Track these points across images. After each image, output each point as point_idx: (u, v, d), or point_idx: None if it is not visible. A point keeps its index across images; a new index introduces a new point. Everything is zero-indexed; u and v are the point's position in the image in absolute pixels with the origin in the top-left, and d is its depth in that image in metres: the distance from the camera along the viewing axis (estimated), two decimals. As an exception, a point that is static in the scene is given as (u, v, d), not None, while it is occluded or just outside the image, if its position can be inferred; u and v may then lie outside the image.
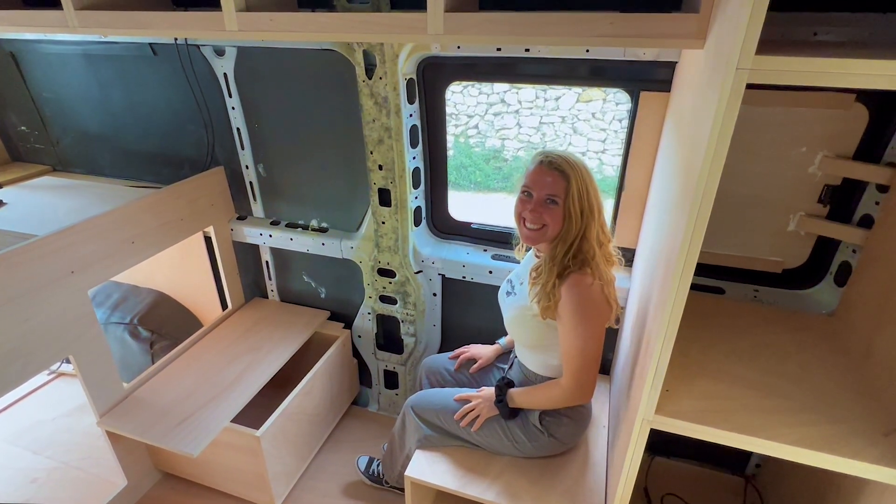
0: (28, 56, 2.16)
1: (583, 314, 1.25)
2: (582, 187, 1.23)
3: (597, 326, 1.27)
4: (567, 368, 1.30)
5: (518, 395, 1.42)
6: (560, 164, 1.24)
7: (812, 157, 1.33)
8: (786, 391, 1.09)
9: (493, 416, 1.45)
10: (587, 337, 1.26)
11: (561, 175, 1.23)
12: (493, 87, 6.81)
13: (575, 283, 1.24)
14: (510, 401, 1.42)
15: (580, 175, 1.24)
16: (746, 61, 0.69)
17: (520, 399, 1.42)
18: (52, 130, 2.35)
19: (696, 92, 0.96)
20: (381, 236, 1.88)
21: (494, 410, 1.44)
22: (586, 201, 1.24)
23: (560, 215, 1.25)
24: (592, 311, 1.26)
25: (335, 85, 1.72)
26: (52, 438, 2.13)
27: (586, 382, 1.30)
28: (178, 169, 2.14)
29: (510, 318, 1.45)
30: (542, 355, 1.42)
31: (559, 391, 1.34)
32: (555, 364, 1.41)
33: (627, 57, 1.36)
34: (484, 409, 1.45)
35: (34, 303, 1.43)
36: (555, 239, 1.29)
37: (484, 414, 1.45)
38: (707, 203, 0.80)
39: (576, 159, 1.25)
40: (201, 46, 1.80)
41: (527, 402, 1.41)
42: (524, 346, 1.47)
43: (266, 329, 2.10)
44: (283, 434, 1.79)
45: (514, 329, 1.45)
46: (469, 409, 1.47)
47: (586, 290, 1.24)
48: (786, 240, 1.45)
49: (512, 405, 1.42)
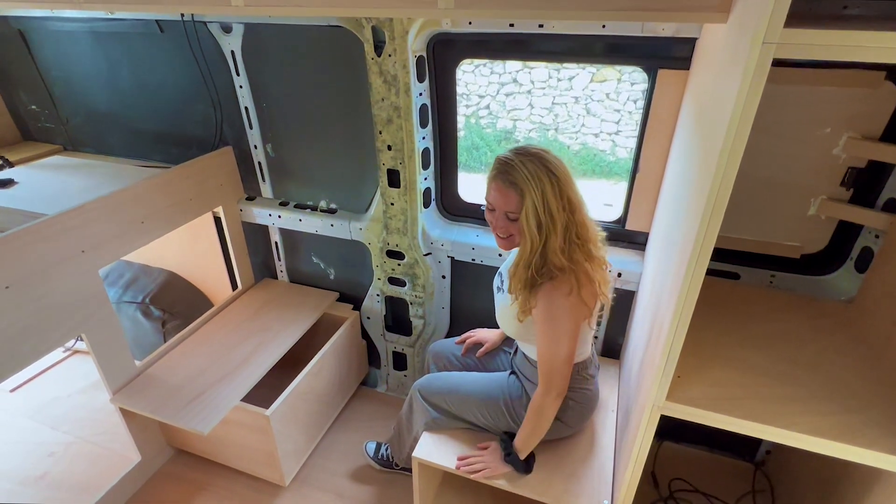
0: (36, 34, 2.15)
1: (552, 324, 1.23)
2: (538, 201, 1.15)
3: (569, 330, 1.23)
4: (540, 373, 1.28)
5: (520, 440, 1.37)
6: (515, 177, 1.17)
7: (836, 139, 1.28)
8: (801, 379, 1.07)
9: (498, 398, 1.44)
10: (558, 343, 1.23)
11: (516, 192, 1.18)
12: (505, 66, 6.68)
13: (548, 292, 1.21)
14: (518, 451, 1.37)
15: (538, 187, 1.15)
16: (774, 35, 0.66)
17: (523, 443, 1.36)
18: (62, 109, 2.34)
19: (717, 69, 0.92)
20: (389, 218, 1.86)
21: (505, 467, 1.39)
22: (545, 215, 1.16)
23: (519, 229, 1.22)
24: (563, 321, 1.22)
25: (344, 63, 1.68)
26: (68, 414, 2.17)
27: (558, 382, 1.26)
28: (186, 149, 2.13)
29: (499, 314, 1.44)
30: (530, 344, 1.40)
31: (539, 399, 1.29)
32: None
33: (645, 33, 1.31)
34: (491, 463, 1.39)
35: (46, 281, 1.44)
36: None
37: (493, 470, 1.38)
38: (726, 186, 0.77)
39: (537, 167, 1.16)
40: (208, 23, 1.77)
41: (529, 437, 1.35)
42: (513, 337, 1.46)
43: (276, 310, 2.10)
44: (292, 413, 1.81)
45: (502, 325, 1.45)
46: (475, 459, 1.41)
47: (558, 302, 1.21)
48: (805, 224, 1.41)
49: (521, 455, 1.37)
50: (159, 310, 2.33)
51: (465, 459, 1.42)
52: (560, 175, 1.18)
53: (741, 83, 0.70)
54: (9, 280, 1.35)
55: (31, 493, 1.83)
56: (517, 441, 1.38)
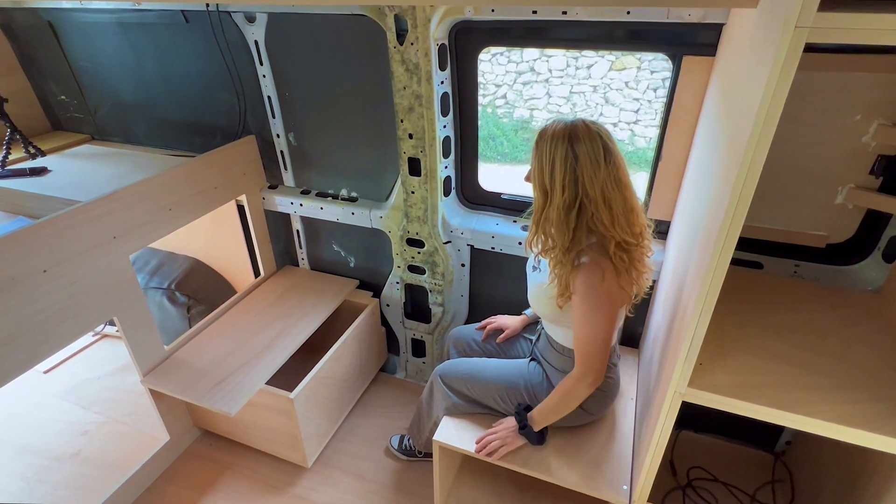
0: (65, 25, 2.20)
1: (590, 307, 1.22)
2: (542, 161, 1.17)
3: (606, 314, 1.22)
4: (578, 355, 1.28)
5: (538, 414, 1.39)
6: (536, 140, 1.20)
7: (867, 126, 1.25)
8: (825, 368, 1.06)
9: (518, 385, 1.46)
10: (596, 327, 1.22)
11: (534, 153, 1.21)
12: (523, 55, 6.61)
13: (586, 277, 1.20)
14: (534, 423, 1.39)
15: (547, 147, 1.16)
16: (807, 18, 0.65)
17: (541, 417, 1.38)
18: (90, 99, 2.40)
19: (746, 55, 0.91)
20: (410, 206, 1.88)
21: (520, 440, 1.41)
22: (547, 178, 1.17)
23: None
24: (601, 304, 1.21)
25: (365, 52, 1.69)
26: (98, 395, 2.25)
27: (598, 367, 1.27)
28: (210, 138, 2.17)
29: (532, 295, 1.43)
30: (566, 329, 1.40)
31: (573, 382, 1.30)
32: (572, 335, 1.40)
33: (671, 19, 1.29)
34: (507, 438, 1.42)
35: (80, 266, 1.49)
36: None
37: (509, 444, 1.41)
38: (753, 174, 0.77)
39: (553, 133, 1.16)
40: (232, 13, 1.79)
41: (549, 413, 1.37)
42: (544, 319, 1.46)
43: (297, 296, 2.15)
44: (314, 397, 1.85)
45: (535, 306, 1.44)
46: (490, 438, 1.43)
47: (595, 286, 1.20)
48: (832, 213, 1.39)
49: (536, 427, 1.39)
50: (185, 296, 2.39)
51: (481, 441, 1.44)
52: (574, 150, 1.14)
53: (772, 69, 0.69)
54: (46, 264, 1.40)
55: (66, 469, 1.91)
56: (535, 413, 1.39)
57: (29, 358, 1.41)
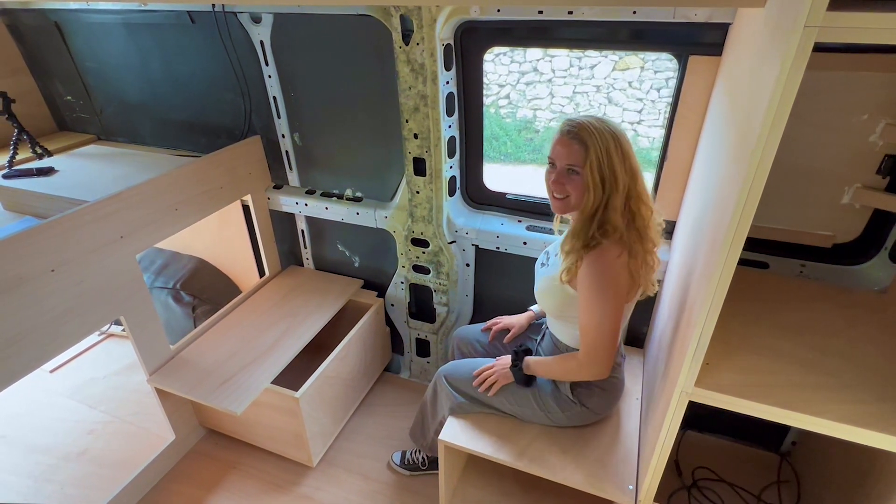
0: (71, 26, 2.21)
1: (599, 289, 1.22)
2: (602, 155, 1.17)
3: (615, 302, 1.23)
4: (582, 342, 1.29)
5: (535, 363, 1.44)
6: (579, 132, 1.19)
7: (873, 125, 1.25)
8: (832, 367, 1.06)
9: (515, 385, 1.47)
10: (603, 312, 1.23)
11: (580, 144, 1.19)
12: (526, 55, 6.60)
13: (597, 256, 1.21)
14: (525, 367, 1.44)
15: (602, 142, 1.17)
16: (816, 18, 0.65)
17: (536, 367, 1.43)
18: (96, 100, 2.41)
19: (754, 55, 0.91)
20: (415, 206, 1.88)
21: (510, 377, 1.46)
22: (607, 170, 1.18)
23: (581, 185, 1.22)
24: (610, 286, 1.22)
25: (371, 52, 1.70)
26: (104, 394, 2.26)
27: (602, 358, 1.28)
28: (215, 138, 2.18)
29: (539, 289, 1.44)
30: (571, 327, 1.41)
31: (574, 364, 1.34)
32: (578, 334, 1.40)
33: (677, 18, 1.29)
34: (500, 375, 1.47)
35: (87, 265, 1.50)
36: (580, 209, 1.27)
37: (500, 380, 1.47)
38: (762, 174, 0.77)
39: (601, 126, 1.19)
40: (238, 13, 1.80)
41: (543, 370, 1.43)
42: (553, 317, 1.47)
43: (302, 296, 2.15)
44: (320, 396, 1.86)
45: (542, 299, 1.45)
46: (488, 373, 1.49)
47: (607, 264, 1.21)
48: (838, 213, 1.39)
49: (528, 372, 1.44)
50: (190, 295, 2.40)
51: (480, 376, 1.50)
52: (622, 139, 1.19)
53: (780, 68, 0.70)
54: (54, 263, 1.41)
55: (73, 468, 1.91)
56: (532, 362, 1.44)
57: (36, 357, 1.42)
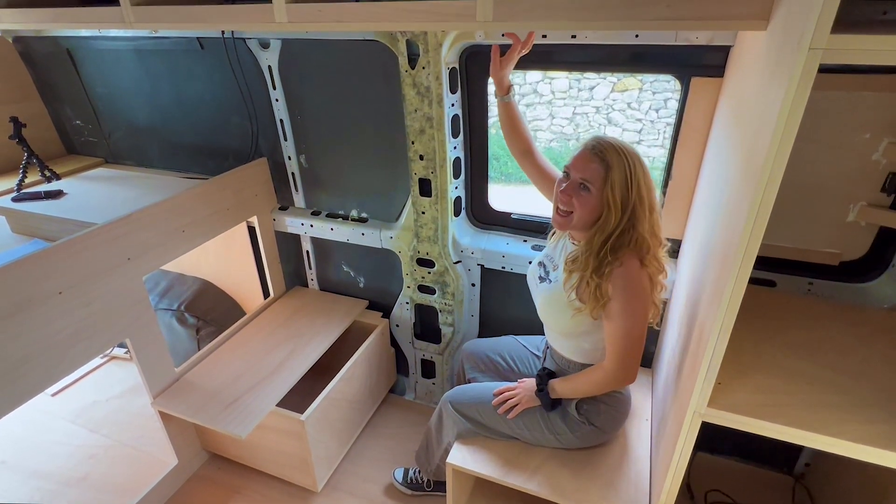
0: (83, 52, 2.25)
1: (630, 299, 1.23)
2: (627, 177, 1.19)
3: (643, 310, 1.25)
4: (612, 350, 1.29)
5: (559, 384, 1.41)
6: (605, 150, 1.20)
7: (876, 144, 1.26)
8: (847, 387, 1.05)
9: (534, 406, 1.44)
10: (634, 318, 1.24)
11: (601, 162, 1.20)
12: (525, 77, 6.71)
13: (620, 273, 1.22)
14: (551, 391, 1.41)
15: (628, 165, 1.19)
16: (821, 40, 0.66)
17: (561, 388, 1.41)
18: (105, 124, 2.44)
19: (757, 76, 0.93)
20: (420, 226, 1.89)
21: (535, 401, 1.43)
22: (634, 192, 1.19)
23: (590, 204, 1.22)
24: (639, 294, 1.24)
25: (377, 75, 1.73)
26: (106, 418, 2.24)
27: (631, 364, 1.28)
28: (223, 160, 2.21)
29: (544, 306, 1.43)
30: (575, 340, 1.40)
31: (602, 374, 1.32)
32: (587, 348, 1.40)
33: (679, 41, 1.32)
34: (524, 398, 1.44)
35: (95, 288, 1.50)
36: (592, 227, 1.26)
37: (523, 403, 1.44)
38: (771, 192, 0.78)
39: (628, 149, 1.21)
40: (247, 39, 1.84)
41: (569, 390, 1.40)
42: (557, 333, 1.45)
43: (307, 317, 2.15)
44: (325, 419, 1.84)
45: (547, 317, 1.44)
46: (509, 396, 1.46)
47: (635, 273, 1.23)
48: (844, 230, 1.39)
49: (553, 395, 1.41)
50: (194, 317, 2.40)
51: (500, 396, 1.48)
52: (646, 170, 1.22)
53: (786, 90, 0.71)
54: (62, 286, 1.42)
55: (74, 494, 1.88)
56: (557, 384, 1.41)
57: (42, 380, 1.41)
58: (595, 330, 1.34)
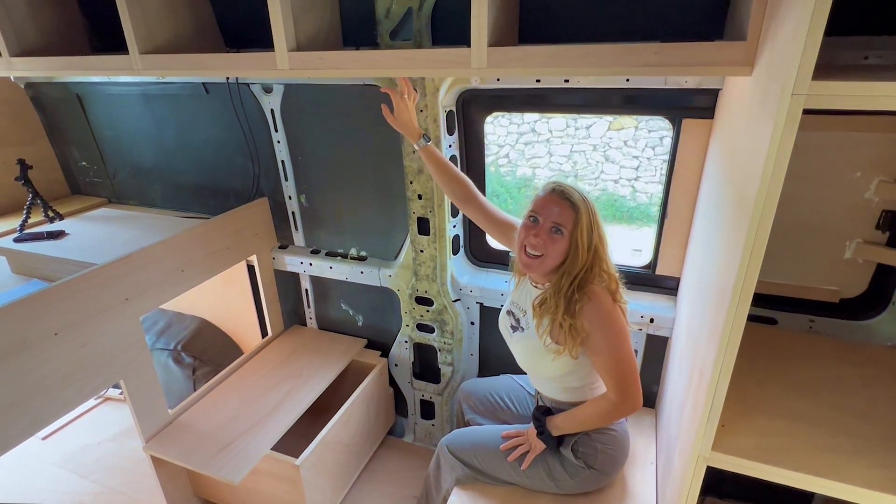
0: (92, 97, 2.32)
1: (610, 327, 1.25)
2: (592, 221, 1.25)
3: (624, 331, 1.27)
4: (611, 381, 1.27)
5: (562, 419, 1.38)
6: (571, 194, 1.25)
7: (867, 182, 1.28)
8: (854, 429, 1.02)
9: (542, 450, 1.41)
10: (620, 344, 1.25)
11: (571, 206, 1.24)
12: (524, 117, 6.89)
13: (594, 303, 1.24)
14: (553, 428, 1.37)
15: (589, 209, 1.25)
16: (803, 87, 0.69)
17: (564, 423, 1.37)
18: (110, 165, 2.49)
19: (746, 119, 0.95)
20: (419, 265, 1.89)
21: (543, 444, 1.39)
22: (596, 233, 1.25)
23: (562, 247, 1.25)
24: (616, 319, 1.26)
25: (376, 118, 1.76)
26: (97, 463, 2.18)
27: (633, 390, 1.26)
28: (224, 200, 2.24)
29: (522, 354, 1.43)
30: (562, 382, 1.39)
31: (607, 404, 1.30)
32: (576, 386, 1.38)
33: (669, 85, 1.36)
34: (534, 443, 1.40)
35: (91, 328, 1.49)
36: (557, 269, 1.28)
37: (535, 450, 1.40)
38: (763, 231, 0.79)
39: (586, 194, 1.27)
40: (251, 84, 1.90)
41: (571, 424, 1.37)
42: (542, 378, 1.44)
43: (305, 357, 2.12)
44: (321, 463, 1.79)
45: (528, 364, 1.44)
46: (519, 442, 1.42)
47: (605, 302, 1.25)
48: (842, 268, 1.39)
49: (556, 432, 1.37)
50: (191, 357, 2.37)
51: (510, 442, 1.43)
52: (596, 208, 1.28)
53: (773, 132, 0.72)
54: (57, 327, 1.41)
55: (59, 545, 1.81)
56: (559, 419, 1.38)
57: (33, 424, 1.38)
58: (578, 367, 1.33)
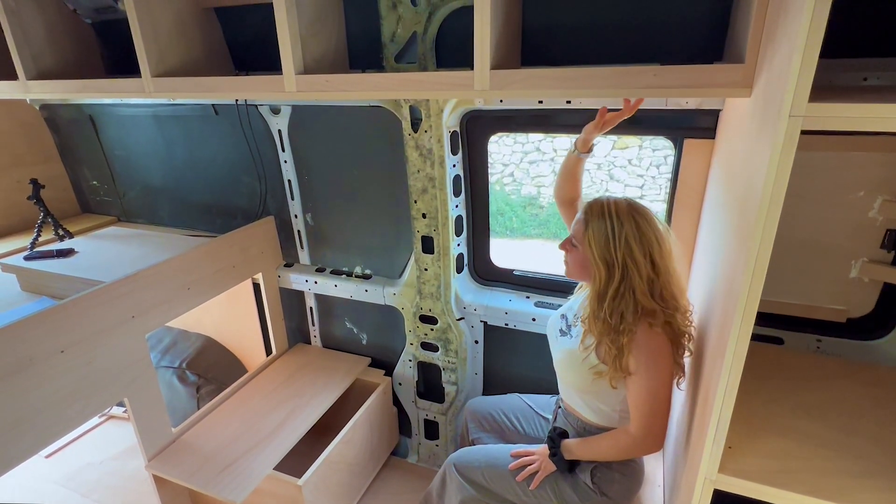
0: (104, 118, 2.38)
1: (652, 359, 1.20)
2: (608, 236, 1.18)
3: (667, 369, 1.21)
4: (637, 414, 1.24)
5: (576, 445, 1.35)
6: (590, 209, 1.24)
7: (871, 202, 1.28)
8: (864, 451, 1.00)
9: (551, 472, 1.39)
10: (659, 381, 1.20)
11: (583, 221, 1.24)
12: (528, 136, 6.95)
13: (638, 336, 1.20)
14: (567, 452, 1.35)
15: (610, 225, 1.18)
16: (800, 108, 0.70)
17: (579, 450, 1.34)
18: (120, 184, 2.54)
19: (745, 139, 0.96)
20: (423, 283, 1.90)
21: (553, 466, 1.37)
22: (619, 252, 1.17)
23: (577, 259, 1.27)
24: (660, 356, 1.20)
25: (381, 138, 1.80)
26: (99, 481, 2.17)
27: (658, 429, 1.22)
28: (231, 218, 2.26)
29: (560, 360, 1.40)
30: (591, 397, 1.36)
31: (627, 439, 1.26)
32: (604, 410, 1.35)
33: (670, 106, 1.37)
34: (543, 464, 1.38)
35: (97, 346, 1.50)
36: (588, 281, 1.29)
37: (544, 470, 1.37)
38: (765, 251, 0.78)
39: (619, 209, 1.20)
40: (259, 106, 1.94)
41: (589, 452, 1.34)
42: (572, 389, 1.41)
43: (309, 375, 2.12)
44: (324, 483, 1.77)
45: (563, 372, 1.41)
46: (528, 462, 1.40)
47: (652, 337, 1.20)
48: (848, 287, 1.38)
49: (569, 457, 1.35)
50: (195, 375, 2.37)
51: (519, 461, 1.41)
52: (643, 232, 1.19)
53: (771, 153, 0.73)
54: (64, 345, 1.42)
55: (58, 566, 1.79)
56: (573, 445, 1.35)
57: (37, 442, 1.39)
58: (614, 393, 1.30)
